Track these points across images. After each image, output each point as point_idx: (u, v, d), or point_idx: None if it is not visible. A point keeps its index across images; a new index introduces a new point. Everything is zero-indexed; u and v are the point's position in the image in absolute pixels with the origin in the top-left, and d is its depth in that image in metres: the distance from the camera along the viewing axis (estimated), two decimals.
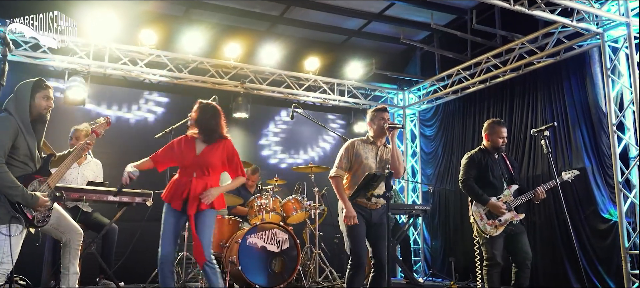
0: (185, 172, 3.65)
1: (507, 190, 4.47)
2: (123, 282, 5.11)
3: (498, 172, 4.50)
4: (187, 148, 3.68)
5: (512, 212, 4.39)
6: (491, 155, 4.56)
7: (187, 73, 6.94)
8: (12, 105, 3.41)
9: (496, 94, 6.99)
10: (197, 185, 3.57)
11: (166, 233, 3.59)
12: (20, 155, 3.35)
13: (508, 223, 4.38)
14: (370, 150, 4.03)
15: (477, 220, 4.48)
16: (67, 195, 4.69)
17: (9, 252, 3.20)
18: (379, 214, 3.97)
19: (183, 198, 3.57)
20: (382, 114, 4.08)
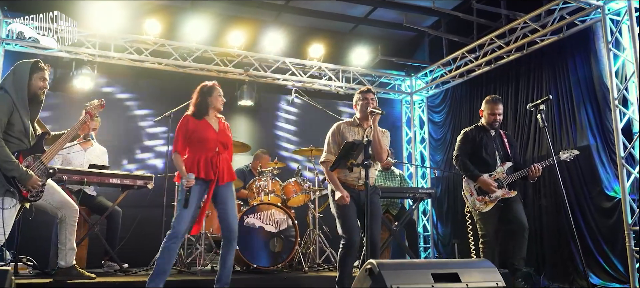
0: (207, 147, 3.80)
1: (500, 167, 4.46)
2: (126, 264, 5.20)
3: (492, 149, 4.50)
4: (204, 127, 3.85)
5: (504, 188, 4.37)
6: (487, 132, 4.56)
7: (192, 61, 7.03)
8: (9, 83, 3.52)
9: (502, 76, 6.89)
10: (224, 159, 3.85)
11: (187, 212, 3.68)
12: (15, 132, 3.46)
13: (498, 200, 4.35)
14: (356, 132, 4.04)
15: (467, 196, 4.52)
16: (70, 177, 4.84)
17: (1, 224, 3.30)
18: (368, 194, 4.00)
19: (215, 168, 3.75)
20: (366, 95, 4.07)
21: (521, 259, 4.20)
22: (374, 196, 4.05)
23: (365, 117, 4.03)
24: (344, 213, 3.89)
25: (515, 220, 4.28)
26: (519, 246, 4.23)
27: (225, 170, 3.83)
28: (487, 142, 4.51)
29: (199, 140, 3.81)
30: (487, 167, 4.45)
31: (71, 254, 4.02)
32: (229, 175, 3.86)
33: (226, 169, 3.85)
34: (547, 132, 5.58)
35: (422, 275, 2.40)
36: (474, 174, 4.43)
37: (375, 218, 4.01)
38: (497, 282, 2.53)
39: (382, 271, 2.34)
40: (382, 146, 3.93)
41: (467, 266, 2.56)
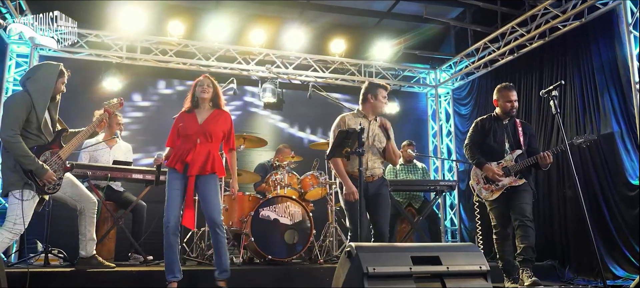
0: (188, 140, 3.86)
1: (509, 156, 4.36)
2: (151, 256, 5.40)
3: (500, 137, 4.41)
4: (189, 121, 3.92)
5: (511, 177, 4.27)
6: (500, 121, 4.47)
7: (215, 60, 7.22)
8: (32, 84, 3.73)
9: (526, 65, 6.73)
10: (201, 150, 3.82)
11: (172, 198, 3.81)
12: (33, 129, 3.68)
13: (506, 188, 4.26)
14: (362, 124, 4.05)
15: (474, 184, 4.48)
16: (94, 173, 5.09)
17: (21, 215, 3.53)
18: (375, 186, 4.07)
19: (185, 160, 3.79)
20: (384, 92, 4.17)
21: (528, 248, 4.08)
22: (381, 187, 4.12)
23: (374, 110, 4.11)
24: (352, 206, 3.95)
25: (515, 208, 4.18)
26: (524, 234, 4.10)
27: (199, 162, 3.80)
28: (496, 131, 4.42)
29: (184, 135, 3.90)
30: (494, 155, 4.38)
31: (91, 244, 4.22)
32: (202, 168, 3.81)
33: (200, 161, 3.81)
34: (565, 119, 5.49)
35: (401, 257, 2.41)
36: (479, 162, 4.38)
37: (383, 209, 4.07)
38: (481, 265, 2.50)
39: (359, 254, 2.37)
40: (395, 154, 4.13)
41: (450, 250, 2.55)
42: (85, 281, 4.06)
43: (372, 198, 4.02)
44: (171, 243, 3.78)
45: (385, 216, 4.09)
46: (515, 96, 4.48)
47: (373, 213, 4.08)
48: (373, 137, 4.08)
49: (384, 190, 4.13)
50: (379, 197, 4.06)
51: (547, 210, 6.04)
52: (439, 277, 2.43)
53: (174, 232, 3.80)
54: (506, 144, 4.40)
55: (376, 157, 4.09)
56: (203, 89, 3.94)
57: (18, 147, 3.51)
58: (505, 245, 4.34)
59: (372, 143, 4.06)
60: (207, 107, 4.00)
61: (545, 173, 6.05)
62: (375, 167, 4.07)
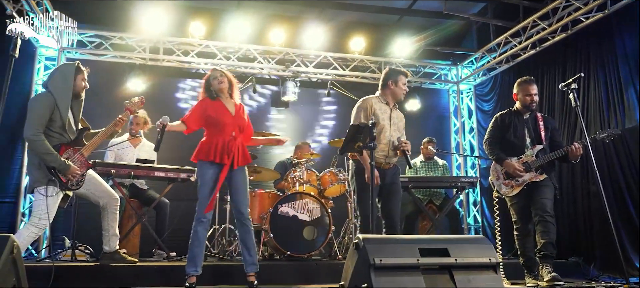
0: (224, 131, 3.87)
1: (530, 151, 4.29)
2: (174, 252, 5.51)
3: (521, 132, 4.35)
4: (221, 110, 3.91)
5: (532, 172, 4.20)
6: (520, 115, 4.41)
7: (235, 60, 7.32)
8: (53, 83, 3.87)
9: (549, 59, 6.61)
10: (238, 143, 3.89)
11: (208, 191, 3.82)
12: (56, 127, 3.81)
13: (526, 184, 4.20)
14: (385, 111, 4.13)
15: (494, 180, 4.44)
16: (118, 171, 5.23)
17: (45, 210, 3.66)
18: (390, 174, 4.10)
19: (229, 153, 3.81)
20: (404, 79, 4.19)
21: (549, 244, 4.02)
22: (395, 177, 4.15)
23: (395, 97, 4.16)
24: (365, 194, 3.98)
25: (536, 203, 4.12)
26: (544, 229, 4.04)
27: (240, 154, 3.89)
28: (516, 125, 4.36)
29: (216, 123, 3.88)
30: (514, 150, 4.32)
31: (114, 240, 4.34)
32: (243, 159, 3.92)
33: (240, 153, 3.90)
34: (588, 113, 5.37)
35: (408, 249, 2.42)
36: (499, 158, 4.33)
37: (396, 199, 4.11)
38: (490, 257, 2.49)
39: (366, 245, 2.39)
40: None
41: (459, 242, 2.54)
42: (108, 275, 4.18)
43: (386, 187, 4.05)
44: (200, 236, 3.83)
45: (397, 206, 4.13)
46: (536, 90, 4.41)
47: (386, 203, 4.11)
48: (393, 124, 4.10)
49: (398, 179, 4.18)
50: (393, 187, 4.10)
51: (572, 206, 5.92)
52: (447, 269, 2.43)
53: (205, 226, 3.86)
54: (527, 138, 4.33)
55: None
56: (219, 80, 3.95)
57: (41, 145, 3.64)
58: (526, 242, 4.28)
59: (392, 132, 4.07)
60: (228, 97, 4.01)
61: (569, 169, 5.94)
62: (391, 154, 4.08)
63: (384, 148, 4.02)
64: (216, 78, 3.97)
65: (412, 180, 6.20)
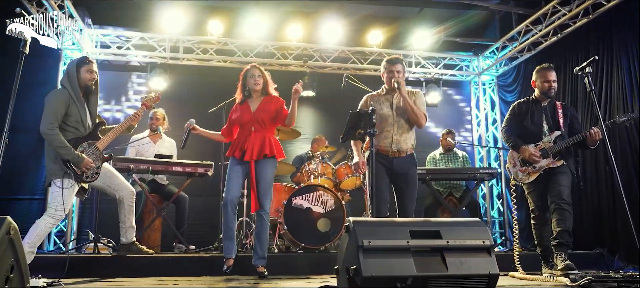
0: (244, 128, 4.12)
1: (547, 137, 4.21)
2: (193, 246, 5.62)
3: (538, 119, 4.27)
4: (243, 111, 4.15)
5: (549, 158, 4.13)
6: (538, 103, 4.33)
7: (254, 57, 7.40)
8: (65, 80, 4.03)
9: (571, 46, 6.43)
10: (256, 137, 4.03)
11: (231, 179, 4.04)
12: (72, 122, 3.95)
13: (544, 169, 4.13)
14: (384, 100, 4.09)
15: (510, 168, 4.40)
16: (136, 166, 5.38)
17: (61, 202, 3.80)
18: (402, 163, 3.99)
19: (243, 148, 4.02)
20: (391, 66, 4.06)
21: (564, 232, 3.91)
22: (410, 167, 4.03)
23: (392, 89, 4.03)
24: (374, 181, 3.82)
25: (552, 191, 4.04)
26: (560, 218, 3.95)
27: (256, 146, 4.01)
28: (533, 112, 4.30)
29: (239, 124, 4.17)
30: (532, 137, 4.25)
31: (131, 232, 4.46)
32: (259, 152, 4.01)
33: (257, 147, 4.00)
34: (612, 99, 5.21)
35: (399, 232, 2.40)
36: (516, 144, 4.28)
37: (410, 191, 4.01)
38: (484, 240, 2.45)
39: (356, 228, 2.39)
40: (415, 112, 3.92)
41: (454, 225, 2.50)
42: (125, 266, 4.30)
43: (399, 177, 3.98)
44: (228, 215, 4.00)
45: (412, 197, 4.03)
46: (554, 76, 4.31)
47: (399, 194, 4.05)
48: (396, 109, 4.02)
49: (412, 169, 4.04)
50: (406, 177, 3.99)
51: (595, 195, 5.74)
52: (439, 251, 2.40)
53: (232, 208, 4.01)
54: (544, 125, 4.24)
55: (403, 131, 4.00)
56: (255, 81, 4.16)
57: (56, 139, 3.78)
58: (543, 230, 4.20)
59: (396, 116, 4.00)
60: (258, 96, 4.19)
61: (592, 155, 5.77)
62: (401, 141, 3.97)
63: (387, 135, 3.96)
64: (253, 77, 4.19)
65: (430, 172, 6.16)
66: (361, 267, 2.27)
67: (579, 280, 3.53)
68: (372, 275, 2.27)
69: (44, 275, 3.32)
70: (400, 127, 3.99)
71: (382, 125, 3.97)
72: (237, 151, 4.08)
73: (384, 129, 3.97)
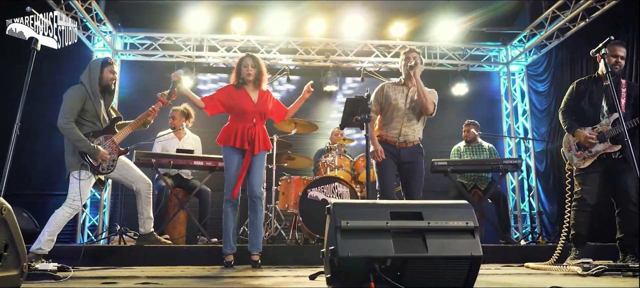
0: (245, 118, 4.06)
1: (605, 120, 3.94)
2: (215, 238, 5.75)
3: (597, 99, 3.98)
4: (244, 99, 4.08)
5: (606, 143, 3.89)
6: (599, 81, 4.04)
7: (277, 53, 7.49)
8: (85, 77, 4.21)
9: (601, 30, 6.13)
10: (259, 130, 4.06)
11: (233, 177, 4.04)
12: (88, 116, 4.14)
13: (600, 155, 3.89)
14: (400, 91, 4.18)
15: (565, 151, 4.13)
16: (158, 160, 5.56)
17: (79, 192, 3.99)
18: (408, 153, 4.08)
19: (250, 140, 4.01)
20: (408, 55, 4.17)
21: (631, 235, 3.73)
22: (416, 155, 4.12)
23: (409, 76, 4.11)
24: (381, 169, 4.07)
25: (619, 189, 3.81)
26: (626, 220, 3.75)
27: (260, 140, 4.05)
28: (593, 92, 4.02)
29: (239, 111, 4.08)
30: (588, 119, 4.00)
31: (149, 222, 4.61)
32: (263, 144, 4.08)
33: (261, 139, 4.06)
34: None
35: (380, 213, 2.39)
36: (570, 127, 4.03)
37: (416, 178, 4.10)
38: (467, 221, 2.40)
39: (335, 209, 2.40)
40: (427, 98, 4.01)
41: (437, 207, 2.46)
42: (143, 255, 4.46)
43: (404, 165, 4.09)
44: (228, 215, 4.05)
45: (418, 185, 4.12)
46: (623, 52, 4.00)
47: (405, 182, 4.15)
48: (410, 102, 4.10)
49: (419, 158, 4.14)
50: (412, 166, 4.09)
51: None
52: (421, 233, 2.37)
53: (232, 206, 4.07)
54: (604, 106, 3.97)
55: (412, 123, 4.11)
56: (248, 71, 4.10)
57: (72, 133, 3.97)
58: (582, 216, 3.93)
59: (407, 108, 4.09)
60: (253, 86, 4.15)
61: None
62: (409, 133, 4.09)
63: (396, 126, 4.08)
64: (247, 67, 4.11)
65: (451, 163, 6.02)
66: (338, 248, 2.28)
67: (592, 268, 3.40)
68: (349, 255, 2.27)
69: (63, 263, 3.52)
70: (410, 120, 4.11)
71: (393, 115, 4.09)
72: (239, 141, 4.02)
73: (394, 119, 4.08)
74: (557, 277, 3.31)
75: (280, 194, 5.79)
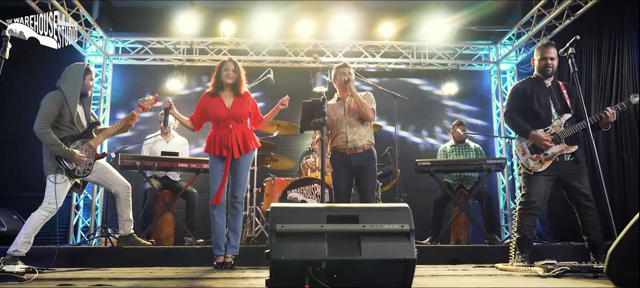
0: (221, 125, 4.12)
1: (557, 121, 3.95)
2: (202, 239, 5.84)
3: (545, 101, 3.99)
4: (217, 105, 4.14)
5: (561, 144, 3.89)
6: (542, 83, 4.06)
7: (266, 55, 7.56)
8: (63, 83, 4.32)
9: (585, 29, 6.11)
10: (236, 133, 4.08)
11: (217, 182, 4.10)
12: (65, 121, 4.25)
13: (556, 157, 3.89)
14: (338, 106, 4.45)
15: (520, 155, 4.06)
16: (143, 163, 5.66)
17: (54, 196, 4.11)
18: (359, 158, 4.31)
19: (227, 146, 4.06)
20: (341, 70, 4.46)
21: (598, 233, 3.76)
22: (364, 160, 4.32)
23: (344, 89, 4.44)
24: (334, 174, 4.36)
25: (574, 191, 3.83)
26: (588, 221, 3.77)
27: (240, 144, 4.06)
28: (539, 94, 4.01)
29: (214, 118, 4.15)
30: (540, 121, 3.97)
31: (128, 224, 4.71)
32: (243, 148, 4.07)
33: (240, 143, 4.06)
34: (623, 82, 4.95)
35: (316, 216, 2.43)
36: (524, 129, 3.99)
37: (368, 181, 4.33)
38: (403, 224, 2.44)
39: (272, 213, 2.45)
40: (365, 107, 4.27)
41: (375, 210, 2.50)
42: (123, 257, 4.56)
43: (357, 170, 4.31)
44: (216, 220, 4.11)
45: (371, 187, 4.35)
46: (553, 53, 4.04)
47: (358, 185, 4.42)
48: (348, 111, 4.38)
49: (370, 162, 4.36)
50: (363, 170, 4.32)
51: (606, 183, 5.43)
52: (356, 236, 2.41)
53: (219, 211, 4.12)
54: (552, 108, 3.97)
55: (355, 129, 4.33)
56: (228, 75, 4.14)
57: (47, 137, 4.08)
58: (528, 220, 3.95)
59: (347, 117, 4.35)
60: (230, 91, 4.18)
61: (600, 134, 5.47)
62: (356, 139, 4.31)
63: (342, 136, 4.33)
64: (228, 71, 4.16)
65: (434, 163, 6.02)
66: (272, 250, 2.33)
67: (554, 269, 3.40)
68: (282, 258, 2.32)
69: (39, 265, 3.64)
70: (353, 126, 4.34)
71: (337, 127, 4.37)
72: (217, 149, 4.09)
73: (340, 130, 4.34)
74: (517, 278, 3.32)
75: (265, 195, 5.86)
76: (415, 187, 6.94)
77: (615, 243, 2.68)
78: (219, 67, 4.24)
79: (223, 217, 4.14)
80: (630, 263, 2.62)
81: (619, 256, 2.68)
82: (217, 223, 4.10)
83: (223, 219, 4.14)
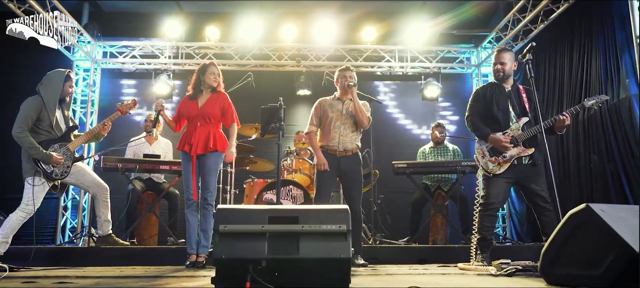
0: (191, 123, 4.29)
1: (515, 124, 4.06)
2: (183, 239, 5.97)
3: (504, 105, 4.09)
4: (190, 106, 4.32)
5: (519, 146, 3.99)
6: (501, 87, 4.17)
7: (251, 59, 7.71)
8: (42, 88, 4.47)
9: (558, 34, 6.25)
10: (201, 131, 4.20)
11: (187, 179, 4.25)
12: (44, 126, 4.40)
13: (515, 160, 3.98)
14: (336, 105, 4.47)
15: (479, 158, 4.18)
16: (124, 165, 5.81)
17: (32, 197, 4.26)
18: (348, 161, 4.36)
19: (190, 142, 4.20)
20: (344, 73, 4.47)
21: None
22: (356, 164, 4.38)
23: (345, 92, 4.44)
24: (319, 178, 4.34)
25: (533, 193, 3.93)
26: (546, 221, 3.86)
27: (201, 142, 4.16)
28: (498, 98, 4.12)
29: (186, 117, 4.33)
30: (499, 125, 4.08)
31: (106, 225, 4.86)
32: (203, 146, 4.17)
33: (202, 141, 4.17)
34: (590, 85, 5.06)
35: (258, 217, 2.58)
36: (483, 133, 4.10)
37: (356, 188, 4.37)
38: (340, 225, 2.57)
39: (217, 214, 2.59)
40: (363, 113, 4.36)
41: (315, 212, 2.63)
42: (101, 257, 4.71)
43: (345, 174, 4.36)
44: (188, 219, 4.24)
45: (358, 193, 4.37)
46: (504, 58, 4.15)
47: (345, 189, 4.48)
48: (346, 114, 4.41)
49: (358, 167, 4.40)
50: (353, 175, 4.36)
51: (565, 182, 5.59)
52: (296, 236, 2.55)
53: (191, 210, 4.23)
54: (511, 111, 4.09)
55: (348, 133, 4.39)
56: (214, 78, 4.32)
57: (25, 141, 4.25)
58: (488, 221, 4.08)
59: (344, 120, 4.39)
60: (208, 92, 4.34)
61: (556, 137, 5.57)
62: (346, 141, 4.37)
63: (334, 137, 4.36)
64: (213, 74, 4.34)
65: (410, 166, 6.14)
66: (214, 250, 2.48)
67: (506, 268, 3.53)
68: (224, 257, 2.47)
69: (16, 264, 3.81)
70: (347, 130, 4.39)
71: (331, 127, 4.38)
72: (185, 145, 4.24)
73: (333, 130, 4.37)
74: (469, 277, 3.45)
75: (245, 196, 6.00)
76: (394, 188, 7.07)
77: (547, 243, 2.81)
78: (203, 70, 4.37)
79: (195, 216, 4.25)
80: (559, 261, 2.76)
81: (550, 254, 2.81)
82: (189, 221, 4.22)
83: (195, 218, 4.25)
